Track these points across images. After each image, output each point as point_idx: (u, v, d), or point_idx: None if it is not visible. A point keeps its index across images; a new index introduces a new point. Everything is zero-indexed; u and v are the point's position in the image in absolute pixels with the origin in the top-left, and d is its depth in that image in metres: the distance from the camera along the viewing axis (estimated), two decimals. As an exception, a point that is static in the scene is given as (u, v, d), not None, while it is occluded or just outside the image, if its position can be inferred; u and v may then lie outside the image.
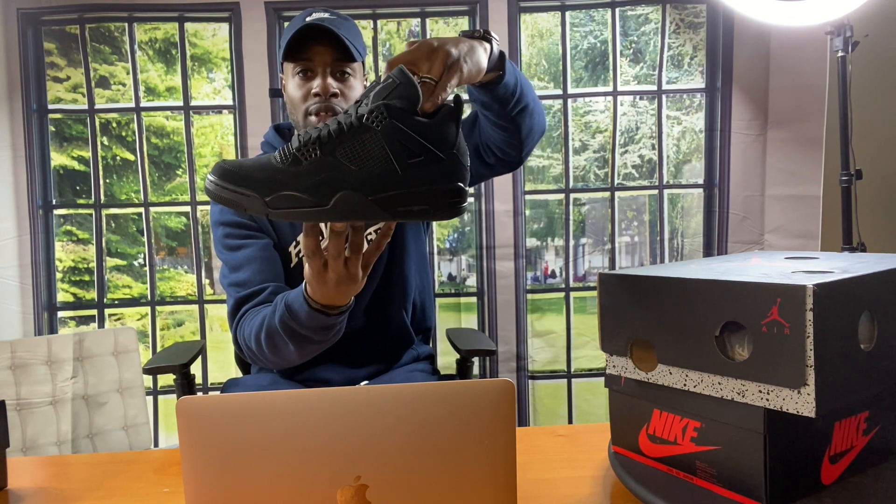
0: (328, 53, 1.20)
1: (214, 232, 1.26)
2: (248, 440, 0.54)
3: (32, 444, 1.81)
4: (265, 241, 1.22)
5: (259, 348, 1.07)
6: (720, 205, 2.29)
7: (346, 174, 0.67)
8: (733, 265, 0.77)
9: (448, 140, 0.70)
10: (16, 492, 0.83)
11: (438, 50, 0.75)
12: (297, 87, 1.23)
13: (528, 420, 2.35)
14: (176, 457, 0.92)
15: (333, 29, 1.17)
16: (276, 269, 1.22)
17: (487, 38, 0.85)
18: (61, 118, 2.18)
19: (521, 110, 1.06)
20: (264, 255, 1.20)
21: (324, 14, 1.22)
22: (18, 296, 2.18)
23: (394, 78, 0.68)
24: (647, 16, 2.25)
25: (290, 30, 1.22)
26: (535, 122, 1.12)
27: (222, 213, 1.24)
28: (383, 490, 0.55)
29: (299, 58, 1.21)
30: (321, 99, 1.20)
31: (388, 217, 0.69)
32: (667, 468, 0.74)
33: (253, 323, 1.09)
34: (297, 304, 0.93)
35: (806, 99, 2.21)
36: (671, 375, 0.71)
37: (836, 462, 0.69)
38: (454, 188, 0.70)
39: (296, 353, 1.02)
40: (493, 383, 0.56)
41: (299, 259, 1.25)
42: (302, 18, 1.21)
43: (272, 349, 1.04)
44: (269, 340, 1.03)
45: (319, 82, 1.20)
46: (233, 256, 1.21)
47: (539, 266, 2.33)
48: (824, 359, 0.59)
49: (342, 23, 1.22)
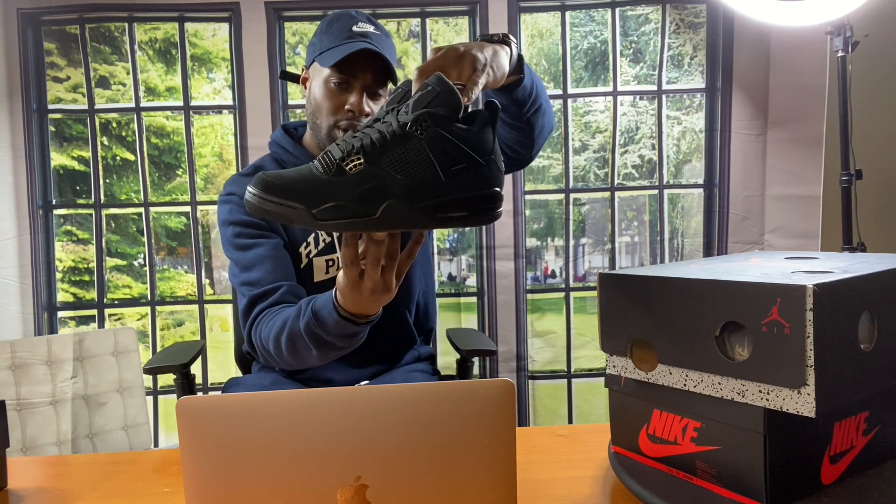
0: (370, 73, 1.20)
1: (223, 232, 1.25)
2: (248, 440, 0.54)
3: (32, 444, 1.81)
4: (276, 241, 1.22)
5: (278, 350, 1.07)
6: (720, 205, 2.29)
7: (391, 183, 0.67)
8: (733, 265, 0.77)
9: (487, 146, 0.70)
10: (16, 492, 0.83)
11: (466, 56, 0.76)
12: (329, 96, 1.21)
13: (528, 420, 2.35)
14: (176, 457, 0.92)
15: (382, 53, 1.17)
16: (289, 268, 1.21)
17: (507, 41, 0.86)
18: (61, 118, 2.18)
19: (536, 111, 1.07)
20: (276, 255, 1.20)
21: (370, 27, 1.20)
22: (18, 296, 2.18)
23: (433, 86, 0.68)
24: (647, 16, 2.25)
25: (332, 34, 1.20)
26: (546, 121, 1.13)
27: (231, 212, 1.23)
28: (383, 490, 0.55)
29: (343, 69, 1.19)
30: (353, 116, 1.20)
31: (431, 225, 0.69)
32: (667, 468, 0.74)
33: (272, 325, 1.08)
34: (326, 311, 0.93)
35: (806, 99, 2.21)
36: (671, 375, 0.71)
37: (836, 462, 0.69)
38: (492, 193, 0.71)
39: (318, 357, 1.03)
40: (493, 383, 0.56)
41: (309, 260, 1.25)
42: (347, 27, 1.19)
43: (292, 352, 1.04)
44: (291, 344, 1.03)
45: (356, 100, 1.20)
46: (244, 256, 1.20)
47: (539, 266, 2.33)
48: (824, 359, 0.59)
49: (385, 41, 1.22)
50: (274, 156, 1.32)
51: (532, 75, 1.01)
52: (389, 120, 0.69)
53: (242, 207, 1.22)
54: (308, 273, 1.24)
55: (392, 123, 0.68)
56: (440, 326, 1.71)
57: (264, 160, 1.33)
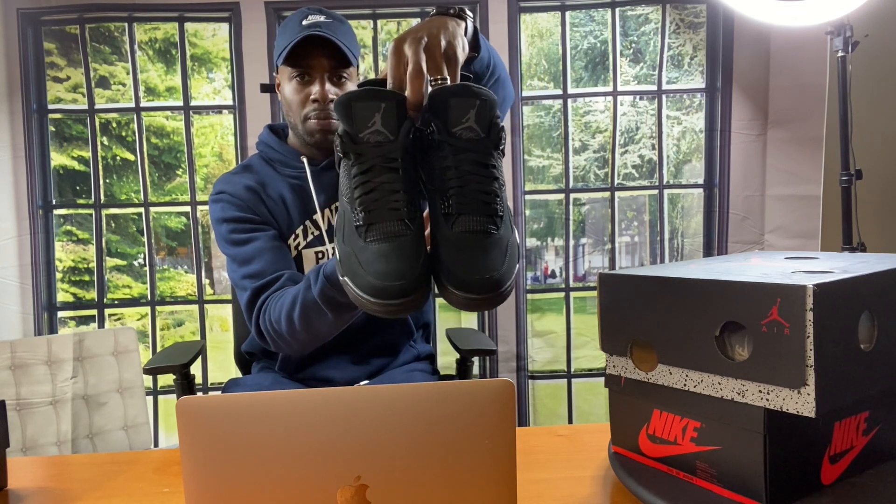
0: (326, 60, 1.21)
1: (217, 230, 1.26)
2: (248, 440, 0.54)
3: (32, 444, 1.81)
4: (272, 232, 1.24)
5: (290, 327, 1.09)
6: (720, 205, 2.29)
7: None
8: (733, 265, 0.77)
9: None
10: (16, 492, 0.83)
11: (447, 50, 0.75)
12: (294, 92, 1.24)
13: (528, 420, 2.34)
14: (176, 457, 0.92)
15: (332, 38, 1.18)
16: (287, 257, 1.23)
17: (462, 16, 0.85)
18: (61, 118, 2.18)
19: (495, 82, 1.07)
20: (274, 245, 1.22)
21: (320, 17, 1.22)
22: (18, 296, 2.18)
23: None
24: (647, 16, 2.25)
25: (286, 33, 1.23)
26: (507, 92, 1.13)
27: (224, 210, 1.25)
28: (383, 490, 0.55)
29: (297, 63, 1.22)
30: (320, 105, 1.22)
31: None
32: (667, 468, 0.74)
33: (281, 303, 1.10)
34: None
35: (806, 99, 2.21)
36: (671, 375, 0.71)
37: (836, 462, 0.69)
38: None
39: (333, 323, 1.07)
40: (493, 383, 0.56)
41: (299, 252, 1.26)
42: (298, 22, 1.21)
43: (305, 325, 1.07)
44: (304, 316, 1.06)
45: (318, 89, 1.22)
46: (241, 251, 1.21)
47: (539, 266, 2.33)
48: (824, 359, 0.59)
49: (338, 26, 1.23)
50: (262, 155, 1.34)
51: (488, 47, 1.00)
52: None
53: (233, 205, 1.24)
54: (298, 266, 1.26)
55: None
56: (440, 326, 1.71)
57: (253, 160, 1.34)
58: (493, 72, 1.03)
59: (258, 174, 1.29)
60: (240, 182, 1.26)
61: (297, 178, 1.28)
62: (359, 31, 2.22)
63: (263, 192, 1.26)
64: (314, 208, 1.26)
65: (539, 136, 2.28)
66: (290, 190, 1.27)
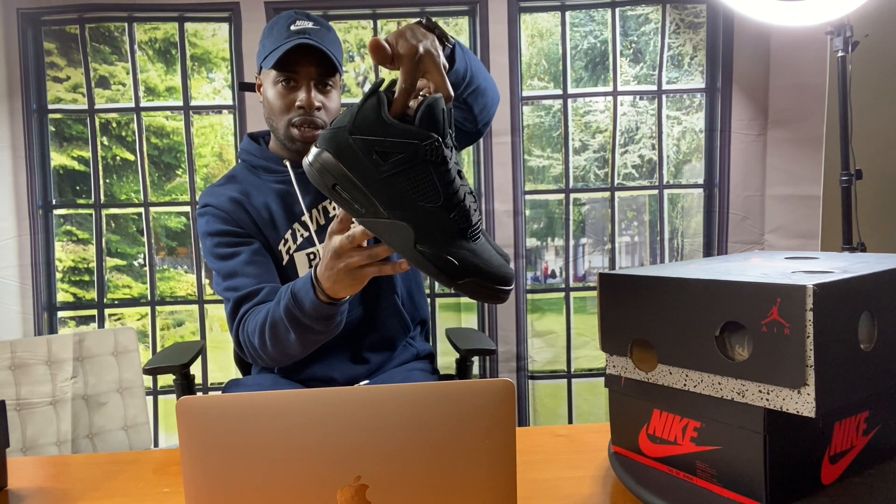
0: (314, 67, 1.22)
1: (204, 243, 1.27)
2: (248, 440, 0.54)
3: (32, 444, 1.81)
4: (256, 246, 1.24)
5: (262, 342, 1.10)
6: (720, 205, 2.29)
7: None
8: (733, 265, 0.77)
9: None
10: (16, 492, 0.83)
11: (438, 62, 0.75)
12: (279, 97, 1.24)
13: (528, 420, 2.34)
14: (176, 457, 0.92)
15: (321, 46, 1.19)
16: (271, 270, 1.24)
17: (444, 38, 0.83)
18: (61, 118, 2.18)
19: (472, 92, 1.07)
20: (257, 259, 1.22)
21: (308, 23, 1.22)
22: (18, 296, 2.18)
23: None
24: (647, 16, 2.25)
25: (272, 36, 1.22)
26: (488, 100, 1.14)
27: (209, 223, 1.25)
28: (383, 490, 0.55)
29: (284, 68, 1.21)
30: (305, 112, 1.22)
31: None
32: (667, 468, 0.74)
33: (257, 318, 1.11)
34: (304, 291, 0.98)
35: (806, 99, 2.21)
36: (671, 375, 0.71)
37: (836, 462, 0.69)
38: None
39: (297, 343, 1.06)
40: (493, 383, 0.56)
41: (290, 256, 1.26)
42: (285, 26, 1.21)
43: (274, 341, 1.08)
44: (273, 332, 1.07)
45: (304, 96, 1.22)
46: (226, 265, 1.22)
47: (539, 266, 2.33)
48: (824, 359, 0.59)
49: (325, 34, 1.23)
50: (245, 164, 1.34)
51: (467, 59, 1.00)
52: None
53: (218, 218, 1.25)
54: (292, 270, 1.26)
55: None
56: (440, 326, 1.71)
57: (236, 169, 1.34)
58: (469, 83, 1.04)
59: (241, 184, 1.29)
60: (224, 194, 1.26)
61: (282, 183, 1.28)
62: (359, 31, 2.23)
63: (248, 202, 1.26)
64: (301, 210, 1.26)
65: (539, 136, 2.28)
66: (274, 196, 1.27)
